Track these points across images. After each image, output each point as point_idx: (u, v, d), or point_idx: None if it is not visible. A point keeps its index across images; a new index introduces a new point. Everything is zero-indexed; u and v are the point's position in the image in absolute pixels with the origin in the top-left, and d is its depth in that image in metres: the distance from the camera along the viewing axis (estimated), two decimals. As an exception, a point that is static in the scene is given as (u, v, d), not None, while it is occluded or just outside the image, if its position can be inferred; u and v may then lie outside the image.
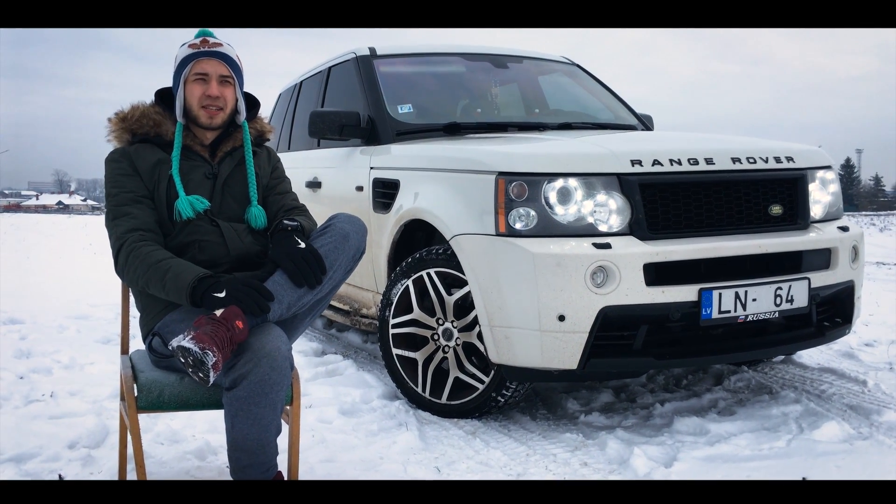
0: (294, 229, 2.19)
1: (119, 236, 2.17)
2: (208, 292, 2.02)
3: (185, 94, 2.28)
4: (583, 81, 4.79)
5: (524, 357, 2.87)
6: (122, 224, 2.18)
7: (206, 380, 1.84)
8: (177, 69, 2.30)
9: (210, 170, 2.31)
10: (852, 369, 3.77)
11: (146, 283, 2.11)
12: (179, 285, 2.04)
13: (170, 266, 2.08)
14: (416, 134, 3.89)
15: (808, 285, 3.02)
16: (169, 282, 2.06)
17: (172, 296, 2.07)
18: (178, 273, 2.06)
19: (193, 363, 1.82)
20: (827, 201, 3.35)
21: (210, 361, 1.81)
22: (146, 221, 2.20)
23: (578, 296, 2.77)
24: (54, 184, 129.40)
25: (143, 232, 2.17)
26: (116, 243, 2.17)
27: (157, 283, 2.08)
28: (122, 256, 2.15)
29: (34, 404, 3.25)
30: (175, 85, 2.31)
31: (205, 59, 2.26)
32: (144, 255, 2.11)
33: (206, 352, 1.81)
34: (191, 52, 2.27)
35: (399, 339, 3.38)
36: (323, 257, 2.12)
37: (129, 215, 2.19)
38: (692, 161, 3.00)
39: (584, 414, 3.19)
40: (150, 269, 2.09)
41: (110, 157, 2.28)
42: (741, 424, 2.96)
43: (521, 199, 2.88)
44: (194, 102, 2.28)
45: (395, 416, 3.16)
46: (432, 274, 3.24)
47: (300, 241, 2.14)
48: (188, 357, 1.82)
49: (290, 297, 2.07)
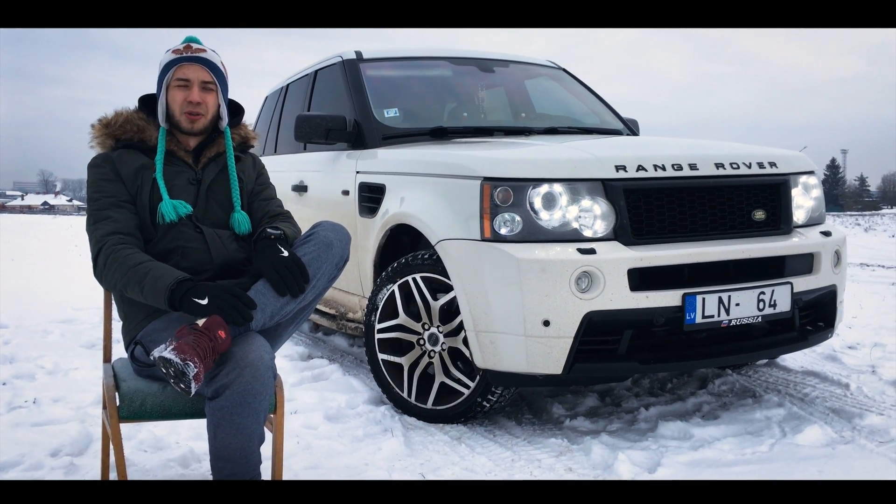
0: (277, 238, 2.19)
1: (98, 239, 2.16)
2: (188, 296, 2.01)
3: (168, 99, 2.28)
4: (568, 85, 4.80)
5: (509, 362, 2.88)
6: (102, 227, 2.17)
7: (187, 391, 1.84)
8: (160, 74, 2.29)
9: (194, 175, 2.30)
10: (835, 372, 3.79)
11: (124, 286, 2.10)
12: (158, 288, 2.03)
13: (149, 269, 2.07)
14: (402, 138, 3.89)
15: (790, 290, 3.04)
16: (147, 285, 2.05)
17: (151, 299, 2.06)
18: (157, 276, 2.05)
19: (175, 374, 1.81)
20: (809, 206, 3.38)
21: (191, 373, 1.80)
22: (126, 225, 2.19)
23: (563, 301, 2.78)
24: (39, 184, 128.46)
25: (122, 235, 2.16)
26: (96, 246, 2.16)
27: (136, 287, 2.07)
28: (100, 260, 2.14)
29: (16, 411, 3.23)
30: (158, 90, 2.30)
31: (187, 64, 2.26)
32: (123, 257, 2.10)
33: (187, 363, 1.80)
34: (174, 57, 2.27)
35: (385, 344, 3.38)
36: (306, 266, 2.12)
37: (109, 219, 2.18)
38: (676, 167, 3.01)
39: (569, 419, 3.20)
40: (128, 271, 2.08)
41: (93, 162, 2.28)
42: (725, 429, 2.98)
43: (507, 204, 2.89)
44: (176, 108, 2.27)
45: (381, 422, 3.16)
46: (418, 279, 3.24)
47: (283, 249, 2.14)
48: (170, 368, 1.82)
49: (273, 306, 2.07)
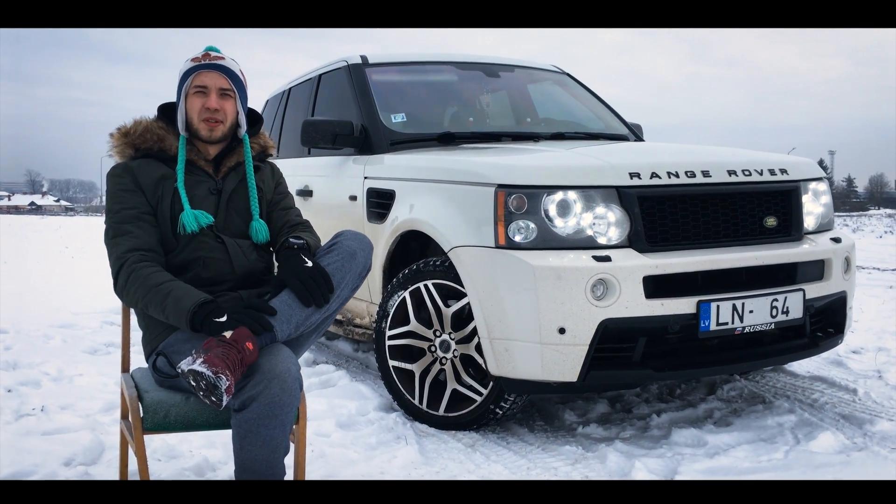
0: (300, 247, 2.17)
1: (119, 256, 2.14)
2: (209, 318, 2.00)
3: (186, 106, 2.27)
4: (573, 90, 4.81)
5: (524, 369, 2.88)
6: (123, 243, 2.15)
7: (218, 403, 1.82)
8: (179, 83, 2.28)
9: (214, 185, 2.29)
10: (842, 377, 3.81)
11: (145, 305, 2.09)
12: (179, 310, 2.02)
13: (170, 290, 2.06)
14: (410, 143, 3.88)
15: (803, 297, 3.05)
16: (169, 306, 2.04)
17: (172, 320, 2.05)
18: (178, 298, 2.04)
19: (206, 387, 1.80)
20: (819, 212, 3.39)
21: (223, 386, 1.79)
22: (147, 241, 2.17)
23: (579, 308, 2.78)
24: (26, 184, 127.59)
25: (143, 252, 2.14)
26: (116, 263, 2.14)
27: (157, 307, 2.06)
28: (121, 277, 2.12)
29: (25, 419, 3.20)
30: (177, 98, 2.29)
31: (205, 71, 2.25)
32: (145, 276, 2.09)
33: (219, 376, 1.79)
34: (192, 65, 2.26)
35: (395, 351, 3.37)
36: (330, 275, 2.11)
37: (129, 234, 2.16)
38: (689, 174, 3.02)
39: (581, 425, 3.20)
40: (149, 291, 2.07)
41: (112, 171, 2.25)
42: (738, 436, 2.99)
43: (521, 211, 2.89)
44: (194, 115, 2.26)
45: (393, 429, 3.15)
46: (430, 285, 3.23)
47: (307, 259, 2.12)
48: (200, 381, 1.80)
49: (297, 317, 2.05)
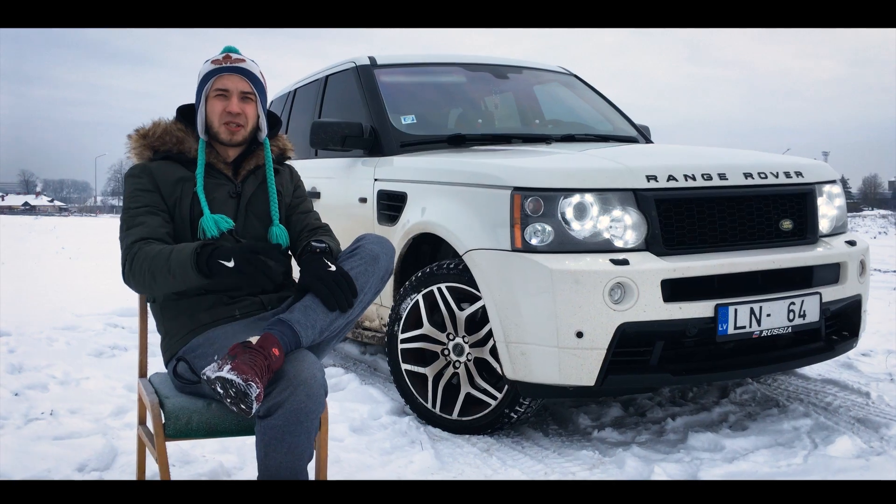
0: (323, 251, 2.15)
1: (128, 246, 2.13)
2: (213, 258, 1.98)
3: (207, 109, 2.24)
4: (580, 92, 4.79)
5: (541, 374, 2.85)
6: (133, 234, 2.13)
7: (248, 412, 1.79)
8: (199, 85, 2.25)
9: (234, 188, 2.26)
10: (854, 380, 3.80)
11: (152, 277, 2.06)
12: (183, 260, 2.00)
13: (171, 249, 2.05)
14: (420, 145, 3.86)
15: (819, 300, 3.03)
16: (173, 262, 2.02)
17: (179, 276, 2.02)
18: (179, 250, 2.03)
19: (236, 395, 1.77)
20: (833, 215, 3.38)
21: (254, 393, 1.76)
22: (156, 230, 2.15)
23: (597, 312, 2.76)
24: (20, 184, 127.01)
25: (152, 240, 2.12)
26: (126, 252, 2.13)
27: (163, 272, 2.04)
28: (128, 263, 2.11)
29: (35, 423, 3.16)
30: (197, 101, 2.26)
31: (226, 74, 2.22)
32: (146, 252, 2.08)
33: (249, 383, 1.76)
34: (213, 67, 2.23)
35: (408, 355, 3.34)
36: (353, 279, 2.08)
37: (141, 224, 2.14)
38: (706, 176, 3.00)
39: (596, 429, 3.18)
40: (152, 261, 2.05)
41: (130, 172, 2.23)
42: (755, 440, 2.97)
43: (537, 214, 2.86)
44: (215, 118, 2.23)
45: (407, 433, 3.12)
46: (443, 289, 3.20)
47: (330, 263, 2.10)
48: (230, 389, 1.77)
49: (322, 322, 2.02)
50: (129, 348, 4.75)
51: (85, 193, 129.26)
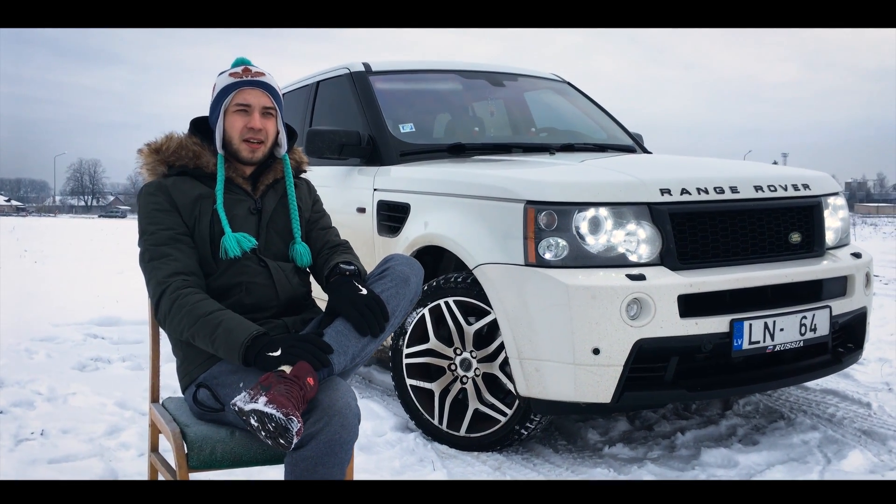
0: (352, 274, 2.07)
1: (160, 281, 2.00)
2: (262, 352, 1.88)
3: (225, 125, 2.14)
4: (574, 99, 4.76)
5: (555, 390, 2.80)
6: (163, 268, 2.01)
7: (287, 447, 1.70)
8: (216, 98, 2.15)
9: (254, 204, 2.17)
10: (853, 390, 3.81)
11: (192, 335, 1.95)
12: (231, 344, 1.89)
13: (220, 320, 1.92)
14: (420, 154, 3.79)
15: (829, 313, 3.03)
16: (219, 339, 1.91)
17: (222, 353, 1.92)
18: (229, 329, 1.91)
19: (275, 429, 1.68)
20: (838, 227, 3.38)
21: (294, 428, 1.67)
22: (188, 264, 2.04)
23: (614, 328, 2.72)
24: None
25: (185, 276, 2.01)
26: (157, 289, 2.00)
27: (206, 339, 1.93)
28: (164, 304, 1.99)
29: (26, 445, 3.03)
30: (214, 115, 2.16)
31: (247, 88, 2.13)
32: (191, 305, 1.95)
33: (290, 418, 1.67)
34: (232, 80, 2.13)
35: (413, 370, 3.27)
36: (385, 303, 2.00)
37: (168, 257, 2.03)
38: (718, 189, 2.98)
39: (606, 445, 3.14)
40: (197, 321, 1.93)
41: (145, 190, 2.12)
42: (767, 455, 2.95)
43: (551, 228, 2.82)
44: (235, 134, 2.14)
45: (415, 451, 3.06)
46: (450, 303, 3.14)
47: (360, 286, 2.02)
48: (268, 423, 1.68)
49: (354, 348, 1.95)
50: (112, 361, 4.61)
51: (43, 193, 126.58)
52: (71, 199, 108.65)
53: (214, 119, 2.17)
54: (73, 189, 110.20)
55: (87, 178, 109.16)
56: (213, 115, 2.18)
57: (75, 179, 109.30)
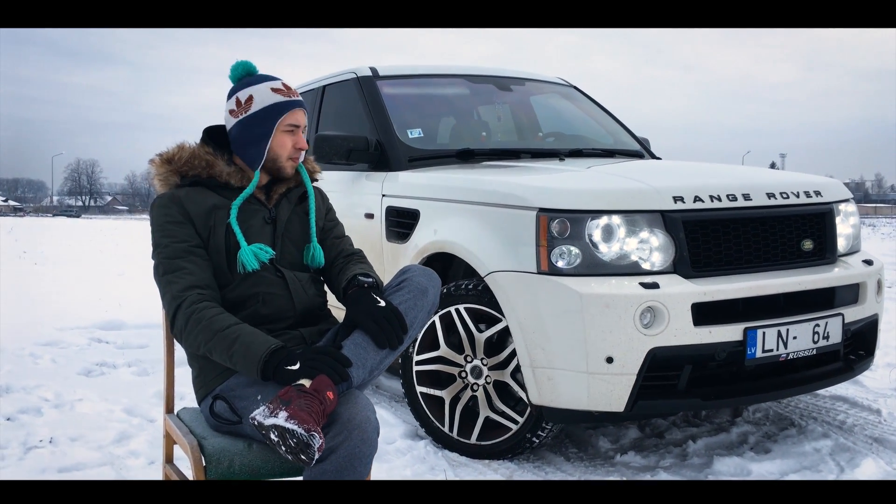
0: (370, 286, 2.05)
1: (175, 295, 1.98)
2: (280, 366, 1.86)
3: (274, 143, 2.13)
4: (581, 104, 4.75)
5: (569, 399, 2.79)
6: (178, 281, 1.99)
7: (308, 462, 1.69)
8: (261, 114, 2.12)
9: (268, 214, 2.16)
10: (862, 396, 3.80)
11: (209, 350, 1.93)
12: (249, 358, 1.87)
13: (237, 335, 1.90)
14: (428, 160, 3.77)
15: (842, 321, 3.02)
16: (237, 353, 1.89)
17: (240, 368, 1.90)
18: (247, 344, 1.89)
19: (296, 445, 1.66)
20: (849, 233, 3.37)
21: (316, 444, 1.65)
22: (203, 277, 2.02)
23: (627, 337, 2.71)
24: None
25: (200, 290, 1.99)
26: (173, 303, 1.98)
27: (223, 353, 1.91)
28: (180, 319, 1.97)
29: (35, 453, 3.02)
30: (257, 130, 2.13)
31: (297, 109, 2.14)
32: (207, 320, 1.93)
33: (312, 434, 1.65)
34: (283, 100, 2.13)
35: (423, 377, 3.26)
36: (403, 315, 1.99)
37: (183, 270, 2.01)
38: (731, 197, 2.97)
39: (618, 453, 3.13)
40: (214, 336, 1.91)
41: (158, 202, 2.10)
42: (780, 463, 2.94)
43: (564, 236, 2.80)
44: (283, 153, 2.15)
45: (426, 459, 3.04)
46: (461, 310, 3.13)
47: (379, 298, 2.00)
48: (290, 439, 1.66)
49: (372, 360, 1.93)
50: (117, 366, 4.60)
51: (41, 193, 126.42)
52: (68, 199, 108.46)
53: (259, 134, 2.13)
54: (70, 189, 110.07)
55: (85, 178, 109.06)
56: (255, 130, 2.13)
57: (73, 180, 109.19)
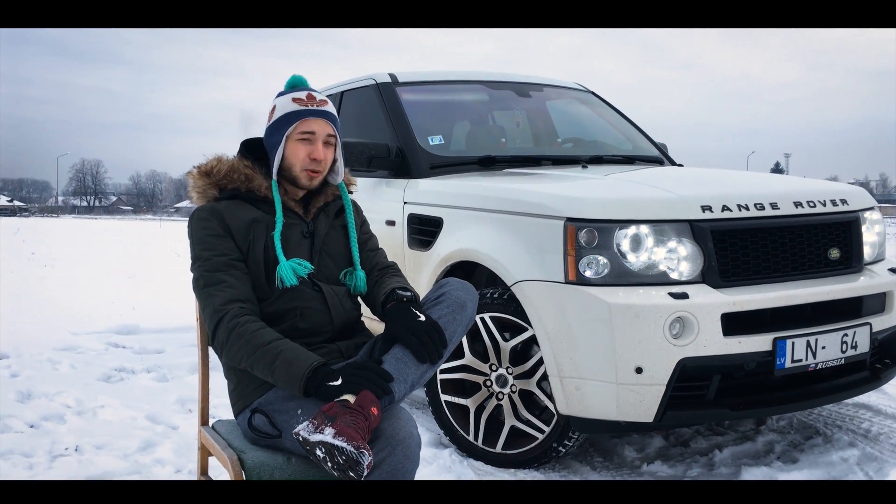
0: (409, 300, 2.05)
1: (217, 308, 1.98)
2: (323, 382, 1.85)
3: (286, 151, 2.13)
4: (599, 109, 4.74)
5: (597, 409, 2.79)
6: (219, 294, 1.99)
7: (358, 479, 1.69)
8: (277, 123, 2.13)
9: (306, 228, 2.15)
10: (885, 404, 3.79)
11: (251, 365, 1.93)
12: (292, 375, 1.87)
13: (279, 351, 1.90)
14: (450, 167, 3.77)
15: (870, 330, 3.01)
16: (279, 369, 1.89)
17: (282, 384, 1.90)
18: (289, 360, 1.88)
19: (345, 462, 1.66)
20: (874, 241, 3.36)
21: (366, 461, 1.65)
22: (243, 290, 2.02)
23: (657, 347, 2.70)
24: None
25: (241, 304, 1.99)
26: (214, 316, 1.98)
27: (265, 369, 1.91)
28: (221, 332, 1.97)
29: (62, 461, 3.02)
30: (275, 138, 2.14)
31: (313, 118, 2.11)
32: (249, 334, 1.93)
33: (361, 451, 1.65)
34: (298, 108, 2.11)
35: (448, 385, 3.26)
36: (443, 329, 1.99)
37: (224, 283, 2.01)
38: (759, 206, 2.96)
39: (644, 462, 3.12)
40: (256, 351, 1.91)
41: (198, 215, 2.10)
42: (808, 473, 2.93)
43: (592, 245, 2.80)
44: (296, 162, 2.13)
45: (451, 468, 3.04)
46: (486, 319, 3.12)
47: (418, 312, 2.00)
48: (338, 456, 1.66)
49: (413, 375, 1.93)
50: (136, 371, 4.60)
51: (46, 193, 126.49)
52: (73, 200, 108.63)
53: (275, 142, 2.14)
54: (75, 189, 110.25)
55: (90, 178, 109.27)
56: (272, 139, 2.15)
57: (77, 180, 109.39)
